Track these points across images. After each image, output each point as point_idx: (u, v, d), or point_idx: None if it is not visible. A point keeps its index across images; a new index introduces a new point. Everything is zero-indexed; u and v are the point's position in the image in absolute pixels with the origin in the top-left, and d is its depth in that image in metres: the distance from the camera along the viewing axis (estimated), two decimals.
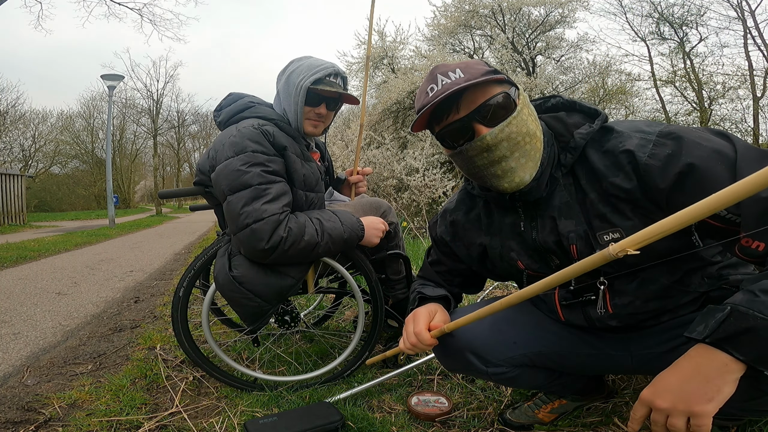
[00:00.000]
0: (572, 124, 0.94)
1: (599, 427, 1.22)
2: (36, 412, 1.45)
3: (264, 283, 1.40)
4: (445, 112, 0.90)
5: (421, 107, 0.91)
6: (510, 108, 0.88)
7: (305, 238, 1.37)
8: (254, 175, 1.35)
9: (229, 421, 1.32)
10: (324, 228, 1.41)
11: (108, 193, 12.64)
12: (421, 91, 0.92)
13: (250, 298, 1.39)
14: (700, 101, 14.23)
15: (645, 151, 0.82)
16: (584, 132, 0.91)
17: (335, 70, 1.49)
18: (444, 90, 0.87)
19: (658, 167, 0.80)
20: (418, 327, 1.01)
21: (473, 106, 0.88)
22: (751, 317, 0.64)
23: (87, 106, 29.79)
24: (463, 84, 0.85)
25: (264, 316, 1.45)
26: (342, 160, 6.76)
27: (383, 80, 10.24)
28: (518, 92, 0.91)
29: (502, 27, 10.36)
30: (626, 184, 0.84)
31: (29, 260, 5.35)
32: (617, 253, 0.63)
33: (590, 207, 0.89)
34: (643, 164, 0.81)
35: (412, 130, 0.98)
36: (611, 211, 0.87)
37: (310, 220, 1.41)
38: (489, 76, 0.87)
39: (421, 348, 1.02)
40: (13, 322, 2.61)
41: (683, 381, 0.70)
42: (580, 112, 0.97)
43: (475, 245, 1.10)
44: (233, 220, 1.36)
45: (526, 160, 0.88)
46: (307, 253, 1.40)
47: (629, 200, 0.85)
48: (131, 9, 15.12)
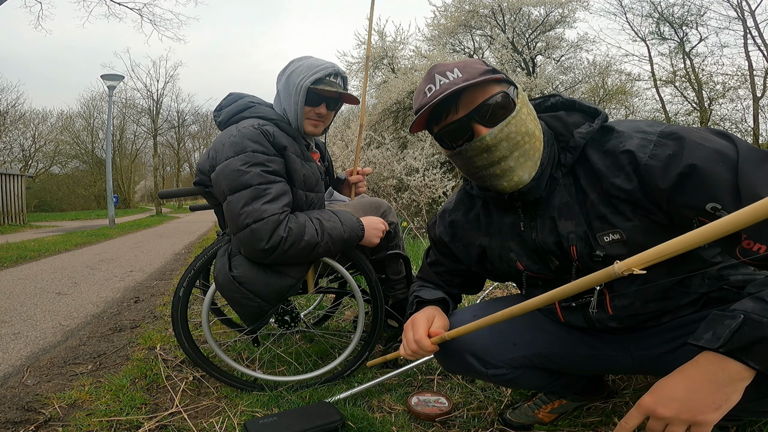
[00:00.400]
0: (572, 123, 0.93)
1: (599, 427, 1.22)
2: (36, 412, 1.45)
3: (264, 283, 1.40)
4: (444, 112, 0.89)
5: (420, 108, 0.90)
6: (509, 107, 0.87)
7: (305, 238, 1.37)
8: (254, 175, 1.35)
9: (229, 421, 1.32)
10: (324, 228, 1.41)
11: (108, 193, 12.64)
12: (419, 92, 0.91)
13: (250, 298, 1.39)
14: (700, 101, 14.24)
15: (646, 152, 0.81)
16: (584, 131, 0.90)
17: (335, 70, 1.49)
18: (442, 90, 0.86)
19: (659, 168, 0.79)
20: (418, 334, 1.00)
21: (472, 106, 0.87)
22: (765, 326, 0.65)
23: (87, 106, 29.84)
24: (461, 84, 0.84)
25: (264, 316, 1.45)
26: (342, 160, 6.76)
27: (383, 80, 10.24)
28: (517, 91, 0.90)
29: (502, 27, 10.36)
30: (627, 184, 0.83)
31: (29, 260, 5.35)
32: (622, 272, 0.62)
33: (590, 208, 0.89)
34: (643, 165, 0.81)
35: (411, 131, 0.97)
36: (612, 212, 0.87)
37: (310, 220, 1.41)
38: (487, 75, 0.86)
39: (422, 355, 1.02)
40: (13, 322, 2.61)
41: (691, 389, 0.68)
42: (580, 112, 0.96)
43: (474, 245, 1.10)
44: (233, 220, 1.36)
45: (525, 159, 0.88)
46: (307, 253, 1.39)
47: (630, 201, 0.85)
48: (131, 9, 15.17)
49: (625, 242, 0.86)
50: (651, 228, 0.84)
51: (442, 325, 1.04)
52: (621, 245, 0.87)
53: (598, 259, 0.89)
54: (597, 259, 0.89)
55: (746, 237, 0.71)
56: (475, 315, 1.12)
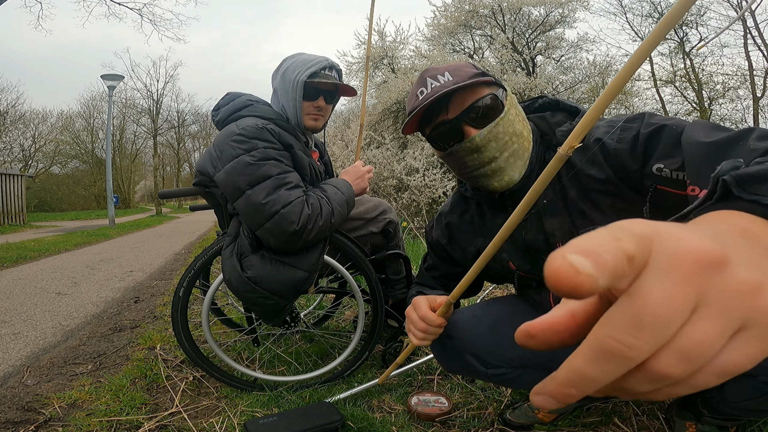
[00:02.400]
0: (555, 123, 0.96)
1: (599, 427, 1.22)
2: (36, 412, 1.45)
3: (278, 281, 1.40)
4: (435, 114, 0.92)
5: (412, 110, 0.92)
6: (498, 109, 0.89)
7: (323, 213, 1.40)
8: (271, 166, 1.37)
9: (229, 421, 1.32)
10: (329, 197, 1.44)
11: (108, 193, 12.64)
12: (412, 95, 0.94)
13: (267, 296, 1.40)
14: (700, 101, 14.24)
15: (613, 137, 0.82)
16: (564, 129, 0.93)
17: (329, 63, 1.50)
18: (433, 93, 0.89)
19: (627, 150, 0.81)
20: (422, 311, 0.98)
21: (461, 108, 0.89)
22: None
23: (87, 106, 29.83)
24: (451, 87, 0.87)
25: (281, 313, 1.46)
26: (342, 160, 6.76)
27: (383, 80, 10.23)
28: (506, 93, 0.92)
29: (502, 27, 10.36)
30: (600, 174, 0.85)
31: (29, 260, 5.35)
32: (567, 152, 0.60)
33: (571, 204, 0.90)
34: (612, 149, 0.82)
35: (403, 132, 1.00)
36: (590, 208, 0.88)
37: (317, 195, 1.44)
38: (477, 78, 0.89)
39: (433, 331, 0.99)
40: (13, 322, 2.61)
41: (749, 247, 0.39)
42: (563, 111, 0.98)
43: (470, 247, 1.11)
44: (258, 211, 1.34)
45: (515, 159, 0.90)
46: (327, 226, 1.42)
47: (607, 192, 0.86)
48: (131, 9, 15.19)
49: None
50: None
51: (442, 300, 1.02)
52: None
53: None
54: None
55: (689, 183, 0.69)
56: (474, 314, 1.12)
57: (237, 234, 1.46)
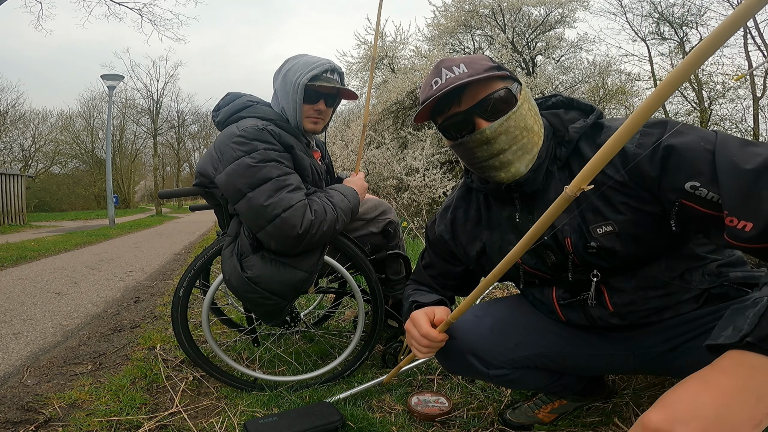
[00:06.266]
0: (568, 119, 0.97)
1: (599, 427, 1.22)
2: (36, 412, 1.45)
3: (279, 281, 1.40)
4: (448, 105, 0.93)
5: (425, 99, 0.93)
6: (510, 103, 0.90)
7: (327, 218, 1.40)
8: (272, 168, 1.36)
9: (229, 421, 1.32)
10: (335, 203, 1.44)
11: (108, 193, 12.64)
12: (426, 84, 0.95)
13: (267, 297, 1.40)
14: (700, 101, 14.23)
15: (633, 141, 0.83)
16: (578, 126, 0.93)
17: (331, 66, 1.50)
18: (447, 84, 0.89)
19: (646, 156, 0.81)
20: (423, 329, 1.01)
21: (475, 100, 0.90)
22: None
23: (87, 106, 29.83)
24: (466, 79, 0.88)
25: (281, 313, 1.46)
26: (342, 160, 6.76)
27: (383, 80, 10.22)
28: (520, 88, 0.93)
29: (502, 27, 10.35)
30: (617, 176, 0.85)
31: (29, 260, 5.35)
32: (575, 193, 0.60)
33: (583, 200, 0.90)
34: (631, 155, 0.83)
35: (415, 121, 1.01)
36: (603, 204, 0.88)
37: (322, 200, 1.44)
38: (492, 72, 0.90)
39: (435, 347, 1.02)
40: (13, 322, 2.61)
41: (721, 404, 0.51)
42: (577, 109, 0.99)
43: (474, 242, 1.10)
44: (259, 214, 1.34)
45: (523, 153, 0.91)
46: (331, 231, 1.42)
47: (622, 192, 0.86)
48: (131, 9, 15.21)
49: (618, 234, 0.87)
50: (643, 220, 0.85)
51: (443, 313, 1.04)
52: (614, 237, 0.88)
53: (593, 251, 0.90)
54: (591, 250, 0.90)
55: (728, 213, 0.69)
56: (476, 315, 1.12)
57: (237, 234, 1.46)
